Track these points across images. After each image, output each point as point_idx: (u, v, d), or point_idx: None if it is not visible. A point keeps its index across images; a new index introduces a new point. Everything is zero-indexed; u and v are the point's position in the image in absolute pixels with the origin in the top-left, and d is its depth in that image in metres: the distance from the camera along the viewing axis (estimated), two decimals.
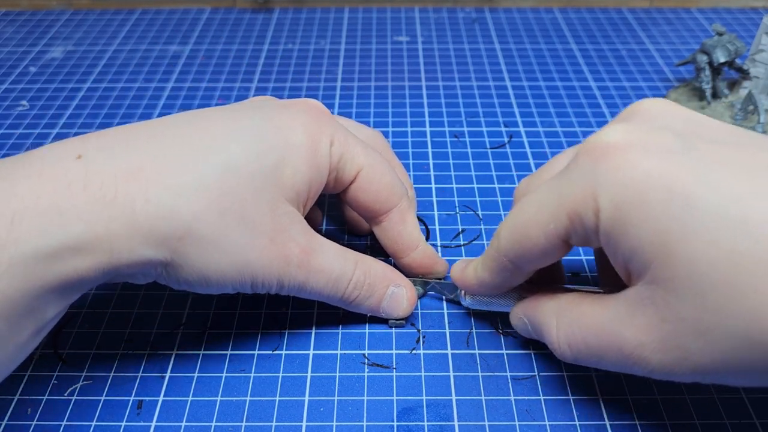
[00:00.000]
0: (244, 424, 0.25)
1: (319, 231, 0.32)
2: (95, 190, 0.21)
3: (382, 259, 0.32)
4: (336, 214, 0.36)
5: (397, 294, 0.28)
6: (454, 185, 0.39)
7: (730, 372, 0.19)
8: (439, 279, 0.31)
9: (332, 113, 0.46)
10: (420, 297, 0.31)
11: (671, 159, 0.19)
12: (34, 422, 0.25)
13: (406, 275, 0.30)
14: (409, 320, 0.30)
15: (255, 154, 0.25)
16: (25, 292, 0.20)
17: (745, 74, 0.44)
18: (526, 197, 0.23)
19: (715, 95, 0.44)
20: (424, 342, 0.29)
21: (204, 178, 0.23)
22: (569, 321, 0.23)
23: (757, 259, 0.17)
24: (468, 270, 0.27)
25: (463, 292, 0.29)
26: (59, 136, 0.44)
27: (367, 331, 0.29)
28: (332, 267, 0.26)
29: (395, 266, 0.30)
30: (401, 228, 0.29)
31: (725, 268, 0.17)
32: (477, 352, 0.28)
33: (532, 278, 0.26)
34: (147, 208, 0.22)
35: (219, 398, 0.26)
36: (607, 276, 0.26)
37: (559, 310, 0.24)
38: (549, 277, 0.28)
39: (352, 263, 0.27)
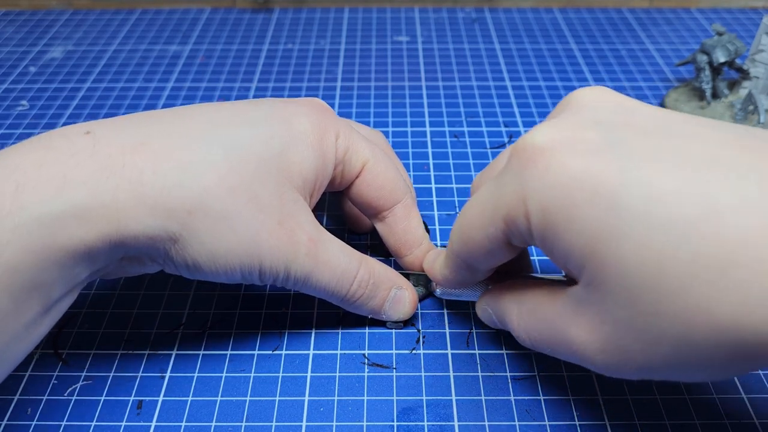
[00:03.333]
0: (244, 424, 0.25)
1: None
2: (101, 160, 0.21)
3: (381, 261, 0.32)
4: (336, 213, 0.36)
5: (399, 296, 0.28)
6: (454, 185, 0.39)
7: (674, 371, 0.19)
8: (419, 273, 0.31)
9: None
10: (421, 299, 0.31)
11: (597, 157, 0.18)
12: (34, 422, 0.25)
13: (408, 276, 0.30)
14: (409, 320, 0.30)
15: (262, 138, 0.25)
16: (30, 263, 0.20)
17: (745, 74, 0.44)
18: (471, 199, 0.23)
19: (715, 95, 0.44)
20: (424, 342, 0.29)
21: (212, 156, 0.23)
22: (527, 310, 0.23)
23: (685, 261, 0.17)
24: (435, 266, 0.27)
25: (434, 283, 0.29)
26: None
27: (367, 331, 0.29)
28: (338, 261, 0.26)
29: (397, 269, 0.30)
30: (406, 224, 0.29)
31: (654, 270, 0.17)
32: (477, 352, 0.28)
33: (501, 269, 0.26)
34: (155, 180, 0.22)
35: (219, 398, 0.26)
36: None
37: (520, 299, 0.24)
38: (516, 267, 0.28)
39: (357, 261, 0.27)
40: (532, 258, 0.32)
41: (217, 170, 0.23)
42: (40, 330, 0.22)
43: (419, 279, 0.30)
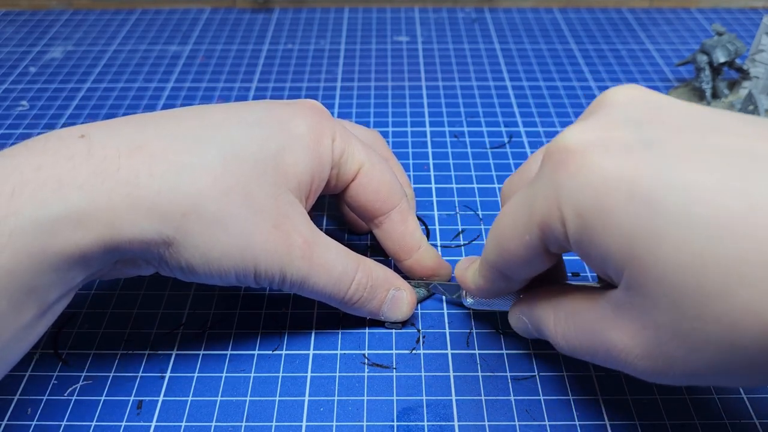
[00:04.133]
0: (244, 424, 0.25)
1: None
2: (97, 163, 0.21)
3: (381, 260, 0.32)
4: (337, 214, 0.36)
5: (397, 297, 0.28)
6: (454, 185, 0.39)
7: (720, 376, 0.18)
8: (442, 282, 0.31)
9: (332, 114, 0.46)
10: (421, 301, 0.31)
11: (630, 156, 0.18)
12: (34, 422, 0.25)
13: (409, 278, 0.30)
14: (408, 320, 0.30)
15: (257, 140, 0.25)
16: (26, 267, 0.20)
17: (745, 74, 0.44)
18: (505, 207, 0.23)
19: (715, 95, 0.44)
20: (424, 342, 0.29)
21: (207, 158, 0.23)
22: (564, 315, 0.23)
23: (729, 260, 0.16)
24: (467, 274, 0.27)
25: (464, 292, 0.29)
26: None
27: (367, 331, 0.29)
28: (335, 264, 0.26)
29: (397, 270, 0.30)
30: (403, 228, 0.29)
31: (695, 272, 0.16)
32: (477, 352, 0.28)
33: (535, 277, 0.26)
34: (150, 183, 0.22)
35: (219, 398, 0.26)
36: None
37: (557, 304, 0.24)
38: (551, 276, 0.28)
39: (354, 263, 0.27)
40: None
41: (211, 172, 0.23)
42: (37, 332, 0.22)
43: (419, 284, 0.30)
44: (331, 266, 0.26)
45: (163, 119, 0.25)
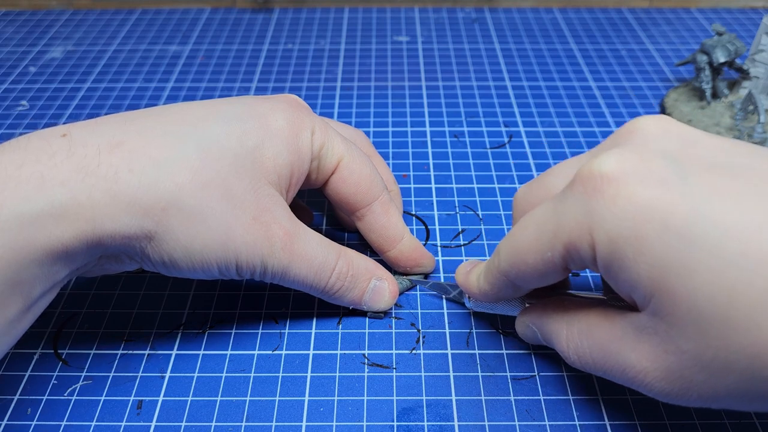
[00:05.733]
0: (244, 424, 0.25)
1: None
2: (78, 160, 0.22)
3: (368, 254, 0.32)
4: (336, 214, 0.36)
5: (379, 287, 0.29)
6: (454, 185, 0.39)
7: (736, 401, 0.19)
8: (427, 273, 0.32)
9: (332, 113, 0.46)
10: (404, 291, 0.31)
11: (667, 189, 0.18)
12: (34, 422, 0.25)
13: (397, 272, 0.30)
14: (408, 320, 0.30)
15: (236, 134, 0.25)
16: (10, 261, 0.20)
17: (745, 74, 0.44)
18: (525, 218, 0.23)
19: (715, 95, 0.44)
20: (424, 342, 0.29)
21: (186, 153, 0.23)
22: (578, 331, 0.23)
23: (756, 295, 0.17)
24: (471, 277, 0.27)
25: (466, 294, 0.29)
26: None
27: (367, 331, 0.29)
28: (315, 254, 0.26)
29: (382, 263, 0.31)
30: (385, 220, 0.30)
31: (724, 304, 0.17)
32: (477, 352, 0.28)
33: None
34: (130, 178, 0.22)
35: (219, 398, 0.26)
36: (611, 289, 0.26)
37: (569, 319, 0.24)
38: (557, 284, 0.27)
39: (335, 254, 0.27)
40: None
41: (190, 167, 0.23)
42: (22, 325, 0.22)
43: (403, 280, 0.31)
44: (311, 256, 0.26)
45: (142, 116, 0.25)
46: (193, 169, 0.23)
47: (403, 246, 0.30)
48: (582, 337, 0.23)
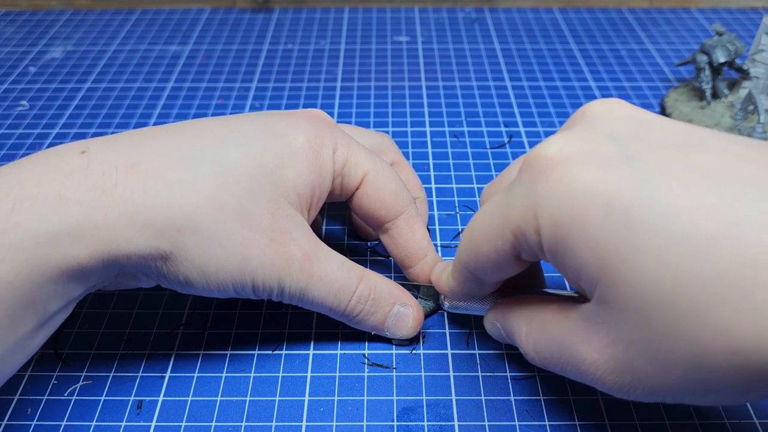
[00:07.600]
0: (244, 424, 0.25)
1: (319, 234, 0.31)
2: (96, 179, 0.22)
3: (388, 276, 0.32)
4: (336, 213, 0.36)
5: (402, 313, 0.27)
6: (454, 185, 0.39)
7: (688, 394, 0.18)
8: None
9: (332, 113, 0.46)
10: (429, 315, 0.30)
11: (611, 170, 0.18)
12: (34, 422, 0.25)
13: (419, 295, 0.30)
14: (415, 338, 0.29)
15: (253, 156, 0.25)
16: (25, 279, 0.20)
17: (745, 74, 0.44)
18: (482, 209, 0.23)
19: (715, 95, 0.44)
20: (424, 342, 0.29)
21: (199, 175, 0.23)
22: (536, 327, 0.23)
23: (703, 279, 0.16)
24: (443, 276, 0.27)
25: (443, 296, 0.28)
26: (59, 136, 0.44)
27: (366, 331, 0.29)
28: (335, 276, 0.26)
29: (404, 279, 0.30)
30: (409, 236, 0.29)
31: (670, 288, 0.16)
32: (477, 352, 0.28)
33: (511, 283, 0.26)
34: (145, 199, 0.22)
35: (219, 398, 0.26)
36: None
37: (529, 315, 0.24)
38: (529, 283, 0.27)
39: (357, 276, 0.26)
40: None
41: (203, 189, 0.23)
42: (36, 343, 0.22)
43: (429, 291, 0.29)
44: (331, 279, 0.26)
45: (159, 135, 0.25)
46: (207, 192, 0.23)
47: (425, 264, 0.29)
48: (540, 332, 0.23)
